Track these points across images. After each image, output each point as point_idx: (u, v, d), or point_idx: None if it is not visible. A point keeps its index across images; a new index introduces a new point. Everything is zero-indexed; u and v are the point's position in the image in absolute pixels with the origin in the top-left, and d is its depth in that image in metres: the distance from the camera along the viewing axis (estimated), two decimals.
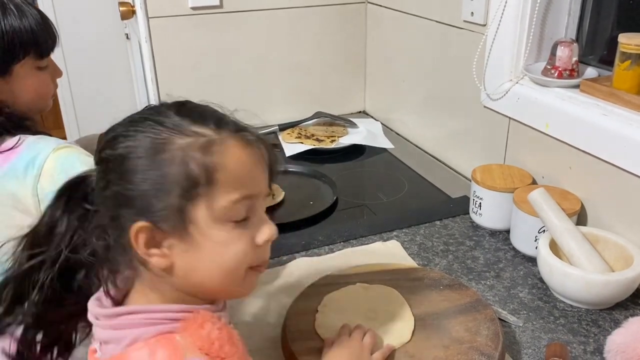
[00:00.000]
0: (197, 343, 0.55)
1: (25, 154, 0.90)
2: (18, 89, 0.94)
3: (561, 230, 0.97)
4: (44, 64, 0.96)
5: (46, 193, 0.87)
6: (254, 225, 0.59)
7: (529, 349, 0.85)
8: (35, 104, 0.99)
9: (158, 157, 0.55)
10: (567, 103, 1.06)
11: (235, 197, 0.56)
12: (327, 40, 1.74)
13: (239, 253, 0.58)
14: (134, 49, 2.36)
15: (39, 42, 0.92)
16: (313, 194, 1.32)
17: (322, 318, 0.85)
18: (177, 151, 0.55)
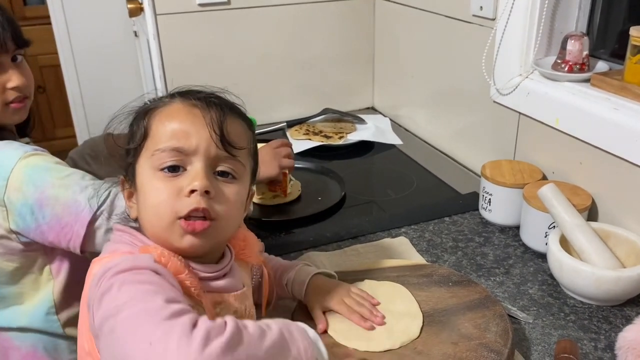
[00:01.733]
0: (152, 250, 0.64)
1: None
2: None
3: (571, 226, 0.96)
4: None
5: (15, 205, 0.85)
6: (187, 177, 0.64)
7: (538, 346, 0.85)
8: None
9: (129, 125, 0.70)
10: (577, 97, 1.05)
11: (161, 147, 0.65)
12: (335, 36, 1.74)
13: (160, 197, 0.64)
14: (142, 47, 2.37)
15: None
16: (321, 190, 1.32)
17: (331, 314, 0.84)
18: (133, 116, 0.70)
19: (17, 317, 0.94)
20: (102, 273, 0.57)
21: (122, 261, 0.57)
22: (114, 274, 0.56)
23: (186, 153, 0.64)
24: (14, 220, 0.86)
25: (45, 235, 0.86)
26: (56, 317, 0.96)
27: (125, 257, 0.59)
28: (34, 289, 0.94)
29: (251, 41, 1.66)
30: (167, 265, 0.61)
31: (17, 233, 0.87)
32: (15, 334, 0.96)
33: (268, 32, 1.66)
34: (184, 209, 0.63)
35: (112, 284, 0.55)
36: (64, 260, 0.95)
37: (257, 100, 1.72)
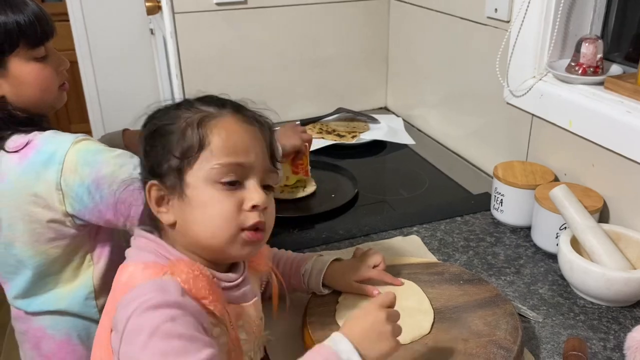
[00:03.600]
0: (181, 275, 0.65)
1: (43, 150, 0.89)
2: (17, 82, 0.91)
3: (582, 227, 0.97)
4: (40, 53, 0.92)
5: (71, 188, 0.88)
6: (245, 191, 0.68)
7: (547, 344, 0.86)
8: (40, 99, 0.94)
9: (168, 127, 0.68)
10: (591, 100, 1.06)
11: (223, 162, 0.66)
12: (349, 37, 1.75)
13: (223, 211, 0.66)
14: (158, 44, 2.40)
15: (27, 32, 0.89)
16: (334, 188, 1.33)
17: (343, 309, 0.86)
18: (182, 122, 0.68)
19: (56, 300, 0.97)
20: (132, 303, 0.60)
21: (150, 292, 0.60)
22: (144, 310, 0.59)
23: (245, 168, 0.68)
24: (71, 203, 0.88)
25: (103, 214, 0.89)
26: (94, 302, 0.99)
27: (153, 285, 0.62)
28: (75, 275, 0.97)
29: (267, 40, 1.67)
30: (192, 291, 0.64)
31: (73, 216, 0.90)
32: (50, 320, 0.98)
33: (283, 32, 1.68)
34: (248, 221, 0.67)
35: (141, 328, 0.58)
36: (105, 247, 0.98)
37: (272, 99, 1.73)
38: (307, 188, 1.30)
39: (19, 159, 0.89)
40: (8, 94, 0.91)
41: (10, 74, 0.90)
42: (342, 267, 0.90)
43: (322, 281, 0.89)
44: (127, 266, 0.68)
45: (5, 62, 0.89)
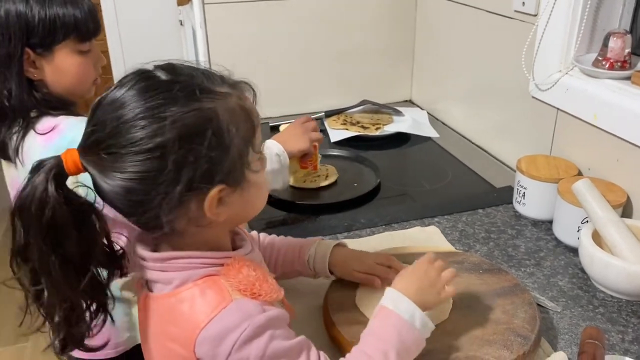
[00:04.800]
0: (239, 286, 0.64)
1: (67, 134, 0.93)
2: (59, 70, 0.96)
3: (604, 221, 0.97)
4: (85, 48, 0.98)
5: (85, 175, 0.92)
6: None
7: (565, 335, 0.86)
8: (74, 88, 1.00)
9: (215, 123, 0.62)
10: (617, 95, 1.06)
11: (259, 133, 0.67)
12: (376, 29, 1.76)
13: (266, 193, 0.71)
14: (187, 35, 2.44)
15: (80, 26, 0.95)
16: (356, 178, 1.35)
17: (363, 293, 0.88)
18: (224, 112, 0.62)
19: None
20: (226, 340, 0.60)
21: (238, 322, 0.60)
22: (244, 343, 0.60)
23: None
24: (84, 189, 0.93)
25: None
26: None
27: (234, 313, 0.61)
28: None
29: (293, 31, 1.70)
30: (264, 297, 0.64)
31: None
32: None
33: (310, 23, 1.70)
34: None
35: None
36: (123, 226, 1.01)
37: (297, 90, 1.76)
38: (330, 177, 1.32)
39: (44, 141, 0.94)
40: (47, 79, 0.97)
41: (55, 62, 0.96)
42: (345, 254, 0.90)
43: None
44: (178, 293, 0.63)
45: (53, 49, 0.95)
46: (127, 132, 0.58)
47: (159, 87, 0.60)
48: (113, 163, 0.59)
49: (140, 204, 0.60)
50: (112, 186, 0.60)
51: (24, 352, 2.25)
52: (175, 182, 0.59)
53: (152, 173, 0.58)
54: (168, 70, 0.63)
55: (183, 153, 0.58)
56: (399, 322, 0.70)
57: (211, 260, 0.65)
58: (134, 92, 0.60)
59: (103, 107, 0.61)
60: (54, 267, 0.60)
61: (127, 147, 0.58)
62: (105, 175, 0.60)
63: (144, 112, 0.59)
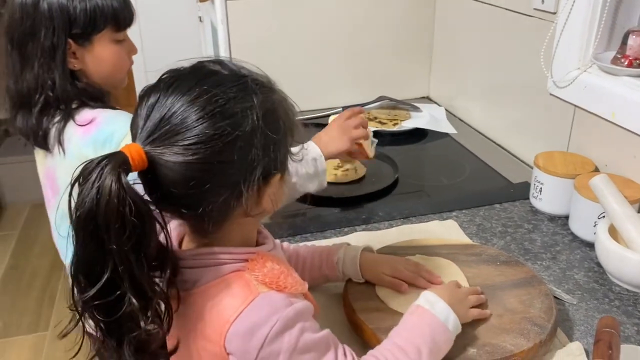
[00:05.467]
0: (264, 279, 0.65)
1: (104, 128, 0.98)
2: (97, 59, 1.01)
3: (621, 215, 0.98)
4: (120, 37, 1.03)
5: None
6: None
7: (581, 326, 0.88)
8: (111, 76, 1.05)
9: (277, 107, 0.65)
10: (635, 92, 1.07)
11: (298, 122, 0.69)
12: (394, 25, 1.78)
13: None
14: (206, 31, 2.47)
15: (118, 16, 1.00)
16: (375, 173, 1.37)
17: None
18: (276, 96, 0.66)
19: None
20: (256, 334, 0.60)
21: (267, 316, 0.61)
22: (275, 337, 0.61)
23: None
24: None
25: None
26: None
27: (263, 306, 0.62)
28: None
29: (313, 27, 1.72)
30: (289, 290, 0.65)
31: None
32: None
33: (330, 19, 1.72)
34: None
35: (278, 352, 0.61)
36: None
37: (315, 85, 1.79)
38: (359, 171, 1.34)
39: (83, 133, 0.98)
40: (87, 69, 1.01)
41: (94, 52, 1.00)
42: (374, 258, 0.92)
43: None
44: (205, 290, 0.65)
45: (92, 39, 0.99)
46: (208, 123, 0.59)
47: (229, 80, 0.62)
48: (187, 153, 0.59)
49: (208, 194, 0.61)
50: (180, 175, 0.59)
51: (43, 341, 2.31)
52: (252, 169, 0.62)
53: (231, 162, 0.60)
54: (222, 65, 0.65)
55: (264, 141, 0.62)
56: (434, 321, 0.72)
57: (237, 256, 0.66)
58: (203, 85, 0.60)
59: (162, 100, 0.60)
60: (140, 267, 0.58)
61: (207, 138, 0.59)
62: (174, 166, 0.59)
63: (224, 103, 0.60)
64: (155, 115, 0.60)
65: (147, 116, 0.61)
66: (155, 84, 0.63)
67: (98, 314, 0.59)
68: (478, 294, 0.85)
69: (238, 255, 0.66)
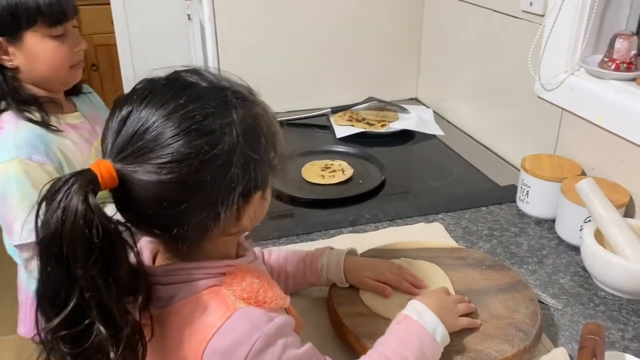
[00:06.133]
0: (242, 294, 0.62)
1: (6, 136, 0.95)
2: (31, 56, 0.97)
3: (607, 220, 0.98)
4: (57, 32, 0.98)
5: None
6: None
7: (566, 332, 0.87)
8: (50, 74, 1.00)
9: (259, 124, 0.62)
10: (623, 96, 1.06)
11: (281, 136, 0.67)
12: (383, 26, 1.77)
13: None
14: (195, 30, 2.45)
15: (44, 12, 0.95)
16: (362, 174, 1.36)
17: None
18: (260, 110, 0.63)
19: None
20: (237, 352, 0.57)
21: (247, 333, 0.58)
22: (256, 356, 0.58)
23: None
24: None
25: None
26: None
27: (242, 323, 0.59)
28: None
29: (301, 27, 1.70)
30: (269, 304, 0.62)
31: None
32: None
33: (318, 19, 1.71)
34: None
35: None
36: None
37: (303, 85, 1.77)
38: (346, 172, 1.33)
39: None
40: (21, 66, 0.98)
41: (25, 48, 0.97)
42: (358, 262, 0.90)
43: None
44: (179, 308, 0.61)
45: (21, 35, 0.96)
46: (184, 141, 0.55)
47: (207, 94, 0.59)
48: (161, 172, 0.55)
49: (183, 214, 0.57)
50: (153, 195, 0.56)
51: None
52: (231, 189, 0.58)
53: (208, 182, 0.57)
54: (200, 75, 0.61)
55: (243, 160, 0.58)
56: (422, 332, 0.71)
57: (213, 270, 0.63)
58: (179, 99, 0.57)
59: (135, 114, 0.57)
60: (109, 294, 0.54)
61: (182, 156, 0.55)
62: (147, 185, 0.55)
63: (202, 119, 0.56)
64: (128, 129, 0.57)
65: (119, 130, 0.57)
66: (128, 95, 0.60)
67: (65, 345, 0.54)
68: (465, 302, 0.84)
69: (215, 270, 0.63)
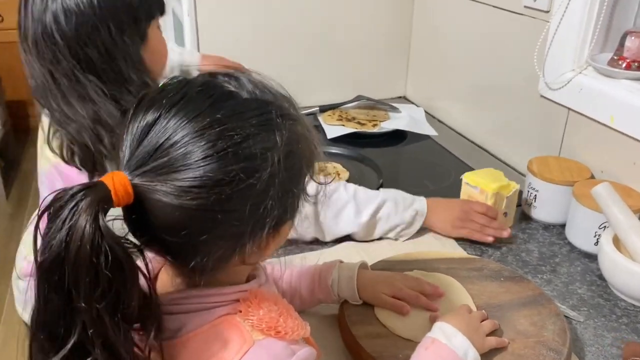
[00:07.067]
0: (260, 325, 0.54)
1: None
2: (153, 52, 0.86)
3: (626, 227, 0.93)
4: (161, 22, 0.88)
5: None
6: None
7: (592, 347, 0.83)
8: (163, 66, 0.91)
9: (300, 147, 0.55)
10: (636, 96, 1.02)
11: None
12: (372, 23, 1.70)
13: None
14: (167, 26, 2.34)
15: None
16: (358, 178, 1.29)
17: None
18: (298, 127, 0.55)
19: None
20: None
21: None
22: None
23: None
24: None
25: None
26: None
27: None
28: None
29: (288, 25, 1.62)
30: (291, 336, 0.55)
31: None
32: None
33: (305, 16, 1.63)
34: None
35: None
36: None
37: (290, 84, 1.67)
38: (342, 176, 1.26)
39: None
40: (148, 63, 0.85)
41: (149, 44, 0.84)
42: (371, 276, 0.83)
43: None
44: (188, 340, 0.54)
45: (147, 31, 0.83)
46: (217, 164, 0.47)
47: (248, 109, 0.50)
48: (185, 197, 0.47)
49: (203, 246, 0.50)
50: (172, 220, 0.48)
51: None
52: (263, 221, 0.51)
53: (238, 212, 0.49)
54: (239, 82, 0.53)
55: (281, 191, 0.51)
56: (452, 357, 0.65)
57: (226, 297, 0.55)
58: (216, 112, 0.49)
59: (162, 122, 0.49)
60: (116, 331, 0.46)
61: (213, 183, 0.47)
62: (166, 207, 0.48)
63: (240, 141, 0.48)
64: (151, 140, 0.48)
65: (141, 139, 0.49)
66: (156, 96, 0.51)
67: None
68: (486, 318, 0.78)
69: (227, 296, 0.55)
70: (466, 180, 1.10)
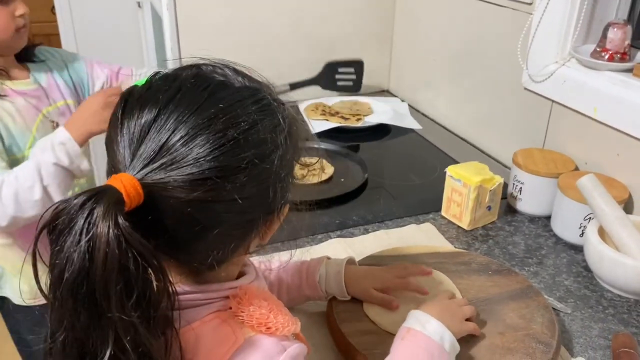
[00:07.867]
0: (251, 321, 0.53)
1: None
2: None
3: (611, 218, 0.94)
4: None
5: None
6: None
7: (580, 339, 0.83)
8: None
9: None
10: (618, 87, 1.03)
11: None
12: (353, 15, 1.69)
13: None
14: (146, 19, 2.29)
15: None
16: (342, 172, 1.28)
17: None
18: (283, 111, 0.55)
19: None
20: None
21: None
22: None
23: None
24: None
25: None
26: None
27: (255, 357, 0.51)
28: None
29: (268, 17, 1.60)
30: (281, 332, 0.54)
31: None
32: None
33: (286, 8, 1.61)
34: None
35: None
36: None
37: (270, 76, 1.66)
38: (327, 170, 1.25)
39: None
40: None
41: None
42: (359, 271, 0.82)
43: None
44: (181, 336, 0.52)
45: None
46: (230, 154, 0.47)
47: (246, 95, 0.51)
48: (199, 190, 0.46)
49: (215, 240, 0.49)
50: (184, 216, 0.47)
51: None
52: (275, 203, 0.52)
53: (255, 198, 0.50)
54: (227, 71, 0.53)
55: (287, 170, 0.52)
56: (429, 344, 0.64)
57: (216, 294, 0.54)
58: (218, 102, 0.49)
59: (162, 118, 0.47)
60: (155, 338, 0.45)
61: (228, 172, 0.47)
62: (178, 204, 0.46)
63: (248, 127, 0.48)
64: (154, 137, 0.47)
65: (141, 138, 0.47)
66: (146, 94, 0.49)
67: None
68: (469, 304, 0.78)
69: (218, 293, 0.54)
70: (450, 173, 1.10)
